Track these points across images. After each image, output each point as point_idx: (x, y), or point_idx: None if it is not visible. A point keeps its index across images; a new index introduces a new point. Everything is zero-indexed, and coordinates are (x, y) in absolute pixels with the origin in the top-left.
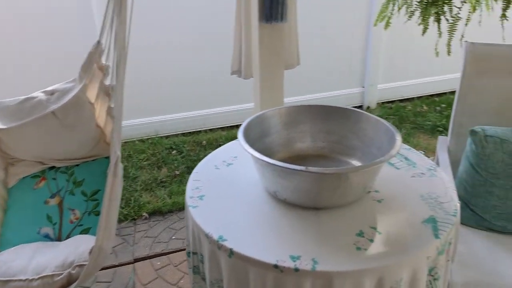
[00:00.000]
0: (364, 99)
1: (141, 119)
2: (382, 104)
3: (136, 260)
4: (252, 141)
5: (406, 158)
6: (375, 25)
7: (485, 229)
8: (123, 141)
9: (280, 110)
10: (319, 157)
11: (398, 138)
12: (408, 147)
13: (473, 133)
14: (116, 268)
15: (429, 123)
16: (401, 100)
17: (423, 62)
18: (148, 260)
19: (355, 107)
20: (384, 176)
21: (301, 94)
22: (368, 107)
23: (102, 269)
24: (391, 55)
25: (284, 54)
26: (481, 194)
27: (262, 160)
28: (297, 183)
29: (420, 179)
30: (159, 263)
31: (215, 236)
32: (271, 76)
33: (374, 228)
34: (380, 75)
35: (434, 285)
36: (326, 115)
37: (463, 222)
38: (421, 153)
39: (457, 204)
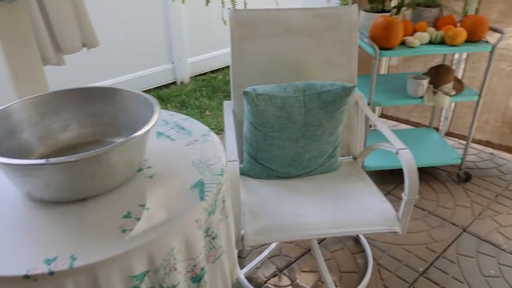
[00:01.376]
0: (176, 74)
1: None
2: (195, 78)
3: None
4: None
5: (182, 128)
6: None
7: (275, 178)
8: None
9: (26, 101)
10: (91, 143)
11: (157, 109)
12: (186, 116)
13: (245, 93)
14: None
15: None
16: (212, 71)
17: (226, 33)
18: None
19: (169, 83)
20: (159, 150)
21: (110, 77)
22: (182, 82)
23: None
24: (195, 29)
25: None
26: (264, 148)
27: None
28: (46, 179)
29: (194, 146)
30: None
31: None
32: (24, 66)
33: (143, 206)
34: (187, 49)
35: (214, 243)
36: (90, 97)
37: (256, 176)
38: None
39: (223, 163)
